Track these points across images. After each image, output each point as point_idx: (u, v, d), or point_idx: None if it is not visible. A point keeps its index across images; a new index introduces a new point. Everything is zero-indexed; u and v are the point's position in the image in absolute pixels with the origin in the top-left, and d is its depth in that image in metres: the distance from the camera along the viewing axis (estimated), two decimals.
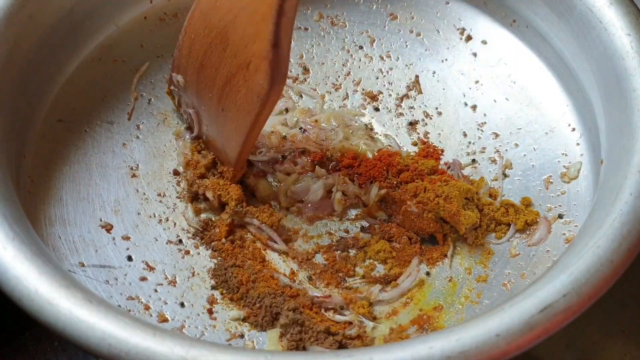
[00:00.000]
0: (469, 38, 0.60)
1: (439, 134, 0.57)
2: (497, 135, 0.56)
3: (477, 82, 0.59)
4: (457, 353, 0.30)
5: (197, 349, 0.31)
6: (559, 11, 0.52)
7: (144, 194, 0.53)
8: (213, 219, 0.51)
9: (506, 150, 0.55)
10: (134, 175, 0.53)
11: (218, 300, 0.47)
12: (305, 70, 0.61)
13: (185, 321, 0.45)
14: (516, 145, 0.55)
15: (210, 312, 0.46)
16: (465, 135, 0.57)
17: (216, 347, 0.32)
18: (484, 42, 0.59)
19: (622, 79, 0.45)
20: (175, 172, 0.54)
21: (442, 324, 0.44)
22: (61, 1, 0.52)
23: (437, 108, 0.59)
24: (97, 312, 0.32)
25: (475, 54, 0.59)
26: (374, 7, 0.63)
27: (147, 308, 0.45)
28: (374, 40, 0.62)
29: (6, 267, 0.33)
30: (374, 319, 0.46)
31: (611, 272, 0.33)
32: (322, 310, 0.45)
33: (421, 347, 0.31)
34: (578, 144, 0.52)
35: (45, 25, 0.51)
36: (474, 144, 0.56)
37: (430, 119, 0.58)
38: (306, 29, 0.63)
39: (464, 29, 0.60)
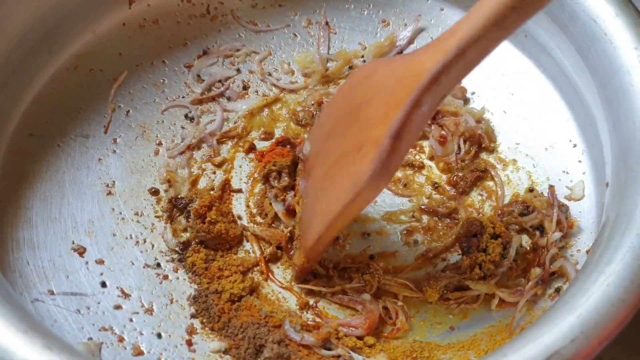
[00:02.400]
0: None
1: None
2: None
3: (473, 93, 0.56)
4: None
5: None
6: (560, 21, 0.50)
7: (120, 213, 0.50)
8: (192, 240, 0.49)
9: (504, 165, 0.53)
10: (109, 193, 0.50)
11: (198, 330, 0.44)
12: (292, 73, 0.59)
13: (162, 354, 0.43)
14: (514, 161, 0.52)
15: (189, 343, 0.43)
16: (459, 148, 0.54)
17: None
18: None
19: (629, 96, 0.42)
20: (152, 192, 0.51)
21: (438, 357, 0.41)
22: (31, 7, 0.49)
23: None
24: (39, 345, 0.29)
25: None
26: (365, 12, 0.61)
27: (121, 340, 0.43)
28: (365, 48, 0.59)
29: None
30: (364, 352, 0.43)
31: (624, 313, 0.31)
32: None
33: None
34: (580, 161, 0.50)
35: (14, 33, 0.48)
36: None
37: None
38: (294, 36, 0.60)
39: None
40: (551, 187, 0.48)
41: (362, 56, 0.59)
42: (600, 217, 0.43)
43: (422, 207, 0.50)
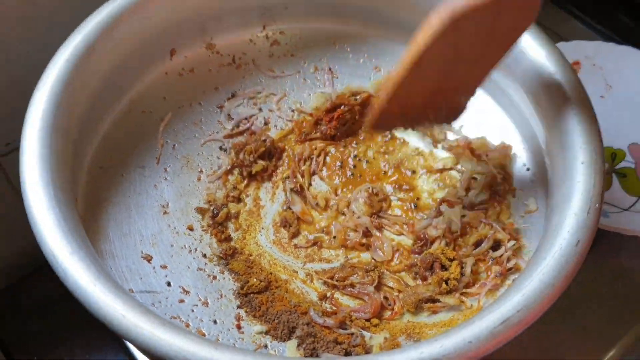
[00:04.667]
0: None
1: None
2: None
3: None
4: (441, 356, 0.41)
5: (250, 357, 0.41)
6: (516, 71, 0.63)
7: (175, 228, 0.62)
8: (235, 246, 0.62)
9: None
10: (165, 212, 0.63)
11: (243, 318, 0.57)
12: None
13: (218, 335, 0.55)
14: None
15: (238, 327, 0.56)
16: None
17: (261, 356, 0.43)
18: None
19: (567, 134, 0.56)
20: (199, 210, 0.64)
21: (426, 334, 0.55)
22: (102, 67, 0.61)
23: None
24: (171, 332, 0.42)
25: None
26: (361, 60, 0.73)
27: (187, 325, 0.55)
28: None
29: (98, 301, 0.43)
30: (371, 330, 0.56)
31: (554, 293, 0.45)
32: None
33: (414, 352, 0.42)
34: (532, 181, 0.64)
35: (91, 89, 0.59)
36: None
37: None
38: (304, 80, 0.73)
39: None
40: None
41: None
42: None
43: None
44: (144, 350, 0.42)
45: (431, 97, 0.52)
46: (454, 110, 0.57)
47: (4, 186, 0.76)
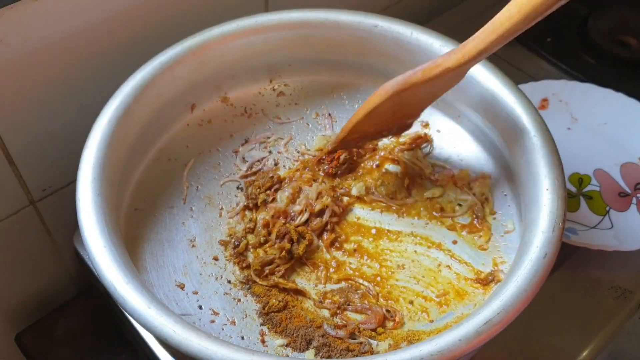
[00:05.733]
0: (426, 126, 0.82)
1: None
2: None
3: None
4: (436, 352, 0.51)
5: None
6: (489, 113, 0.74)
7: (202, 259, 0.71)
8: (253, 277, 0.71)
9: None
10: (193, 246, 0.72)
11: (266, 333, 0.66)
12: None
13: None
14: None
15: (262, 341, 0.65)
16: None
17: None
18: (438, 131, 0.82)
19: (533, 166, 0.66)
20: (222, 242, 0.74)
21: (424, 339, 0.64)
22: (137, 124, 0.71)
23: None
24: (214, 343, 0.51)
25: (432, 141, 0.81)
26: (356, 106, 0.83)
27: None
28: None
29: (154, 321, 0.52)
30: (377, 338, 0.66)
31: (527, 297, 0.54)
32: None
33: (414, 351, 0.51)
34: (509, 206, 0.74)
35: (128, 143, 0.69)
36: None
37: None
38: (307, 125, 0.84)
39: (423, 121, 0.82)
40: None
41: None
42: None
43: None
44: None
45: (382, 126, 0.71)
46: (403, 129, 0.73)
47: (38, 228, 0.85)
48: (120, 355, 0.88)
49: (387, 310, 0.68)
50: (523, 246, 0.60)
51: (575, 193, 0.87)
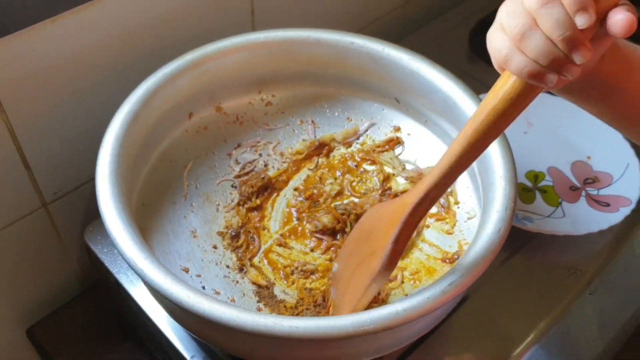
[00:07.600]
0: (398, 130, 0.93)
1: None
2: None
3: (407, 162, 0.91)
4: (409, 308, 0.60)
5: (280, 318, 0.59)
6: (452, 117, 0.85)
7: (203, 247, 0.80)
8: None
9: None
10: (195, 236, 0.81)
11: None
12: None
13: None
14: None
15: None
16: None
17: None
18: (409, 134, 0.92)
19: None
20: (219, 233, 0.83)
21: None
22: (142, 129, 0.79)
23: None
24: (222, 305, 0.60)
25: (403, 143, 0.91)
26: (336, 113, 0.92)
27: None
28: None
29: (170, 289, 0.60)
30: None
31: (483, 265, 0.63)
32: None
33: (391, 308, 0.61)
34: (471, 196, 0.84)
35: (136, 146, 0.77)
36: None
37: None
38: (293, 131, 0.93)
39: (395, 125, 0.93)
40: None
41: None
42: None
43: None
44: (205, 321, 0.60)
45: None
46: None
47: (48, 229, 0.92)
48: (124, 344, 0.95)
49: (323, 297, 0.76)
50: (481, 224, 0.70)
51: (532, 187, 0.98)
